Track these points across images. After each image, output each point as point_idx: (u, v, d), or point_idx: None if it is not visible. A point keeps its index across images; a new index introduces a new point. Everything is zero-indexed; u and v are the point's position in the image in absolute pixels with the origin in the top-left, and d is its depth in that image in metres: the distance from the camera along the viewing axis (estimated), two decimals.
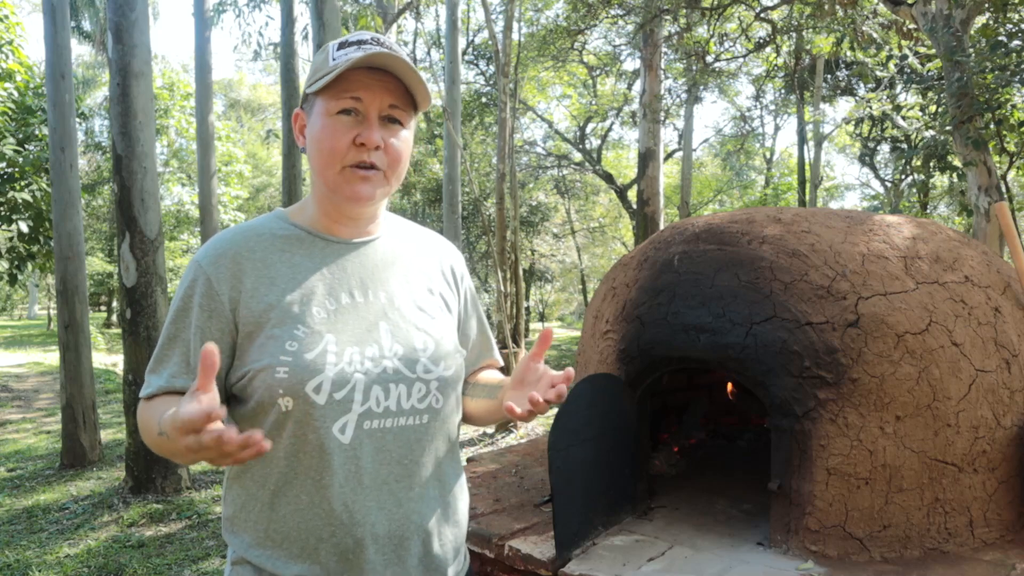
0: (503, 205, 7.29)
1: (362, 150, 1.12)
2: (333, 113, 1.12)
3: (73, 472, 5.85)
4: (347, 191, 1.14)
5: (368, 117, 1.12)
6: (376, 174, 1.14)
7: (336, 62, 1.11)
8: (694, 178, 19.32)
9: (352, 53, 1.11)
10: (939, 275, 2.42)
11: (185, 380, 1.09)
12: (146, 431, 1.08)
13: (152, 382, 1.11)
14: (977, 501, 2.31)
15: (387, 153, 1.14)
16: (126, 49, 4.92)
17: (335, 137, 1.12)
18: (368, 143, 1.12)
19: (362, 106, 1.12)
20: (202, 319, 1.10)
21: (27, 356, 14.73)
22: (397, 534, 1.12)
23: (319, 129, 1.13)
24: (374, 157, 1.13)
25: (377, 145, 1.12)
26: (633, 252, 3.07)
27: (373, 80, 1.12)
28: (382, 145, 1.13)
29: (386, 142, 1.14)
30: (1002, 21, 5.99)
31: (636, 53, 13.40)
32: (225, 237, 1.16)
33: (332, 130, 1.12)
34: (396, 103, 1.14)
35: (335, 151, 1.12)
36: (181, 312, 1.11)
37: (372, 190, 1.14)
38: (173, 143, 18.26)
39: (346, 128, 1.12)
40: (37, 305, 31.71)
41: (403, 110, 1.15)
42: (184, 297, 1.12)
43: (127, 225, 4.98)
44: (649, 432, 2.89)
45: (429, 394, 1.16)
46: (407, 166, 1.20)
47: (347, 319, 1.13)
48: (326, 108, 1.12)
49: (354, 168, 1.13)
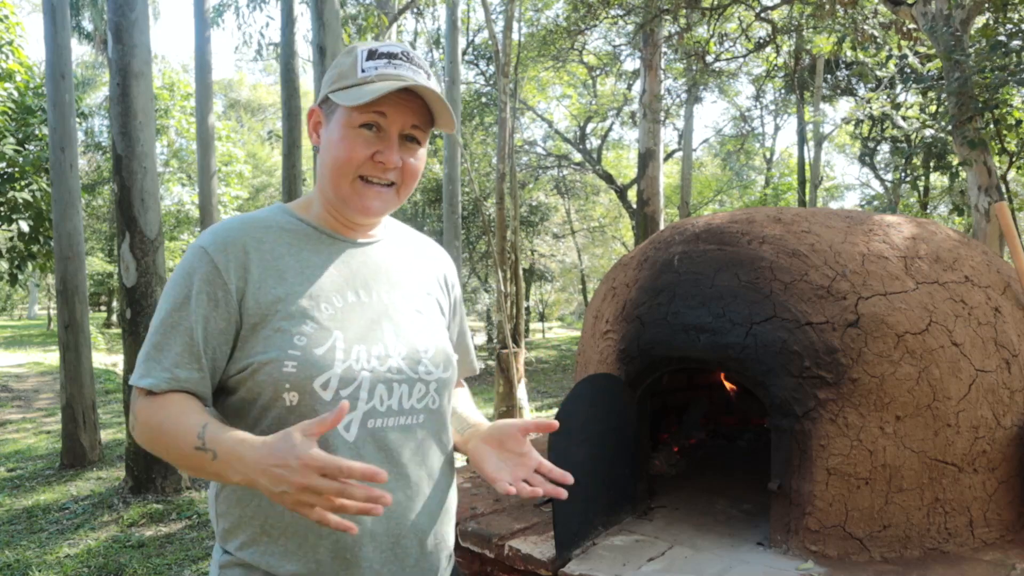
0: (503, 205, 7.29)
1: (379, 167, 1.13)
2: (355, 125, 1.12)
3: (73, 472, 5.85)
4: (358, 204, 1.15)
5: (390, 135, 1.13)
6: (389, 191, 1.16)
7: (366, 74, 1.11)
8: (694, 178, 19.32)
9: (383, 68, 1.11)
10: (939, 275, 2.42)
11: (190, 371, 1.07)
12: (166, 433, 1.03)
13: (152, 371, 1.06)
14: (977, 501, 2.31)
15: (404, 172, 1.16)
16: (126, 49, 4.92)
17: (354, 149, 1.12)
18: (388, 163, 1.13)
19: (385, 122, 1.13)
20: (207, 308, 1.08)
21: (27, 356, 14.73)
22: (395, 533, 1.12)
23: (338, 139, 1.13)
24: (391, 175, 1.15)
25: (396, 165, 1.13)
26: (633, 252, 3.07)
27: (400, 99, 1.12)
28: (400, 165, 1.14)
29: (404, 162, 1.15)
30: (1002, 21, 5.99)
31: (636, 53, 13.40)
32: (232, 225, 1.14)
33: (352, 142, 1.12)
34: (418, 124, 1.15)
35: (351, 162, 1.12)
36: (183, 299, 1.08)
37: (383, 206, 1.16)
38: (173, 143, 18.25)
39: (366, 143, 1.12)
40: (37, 305, 31.70)
41: (423, 130, 1.17)
42: (185, 283, 1.08)
43: (127, 225, 4.98)
44: (649, 432, 2.89)
45: (428, 395, 1.17)
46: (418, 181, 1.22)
47: (353, 317, 1.13)
48: (349, 119, 1.12)
49: (366, 181, 1.14)
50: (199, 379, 1.08)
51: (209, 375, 1.09)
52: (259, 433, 1.08)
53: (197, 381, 1.08)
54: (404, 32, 15.86)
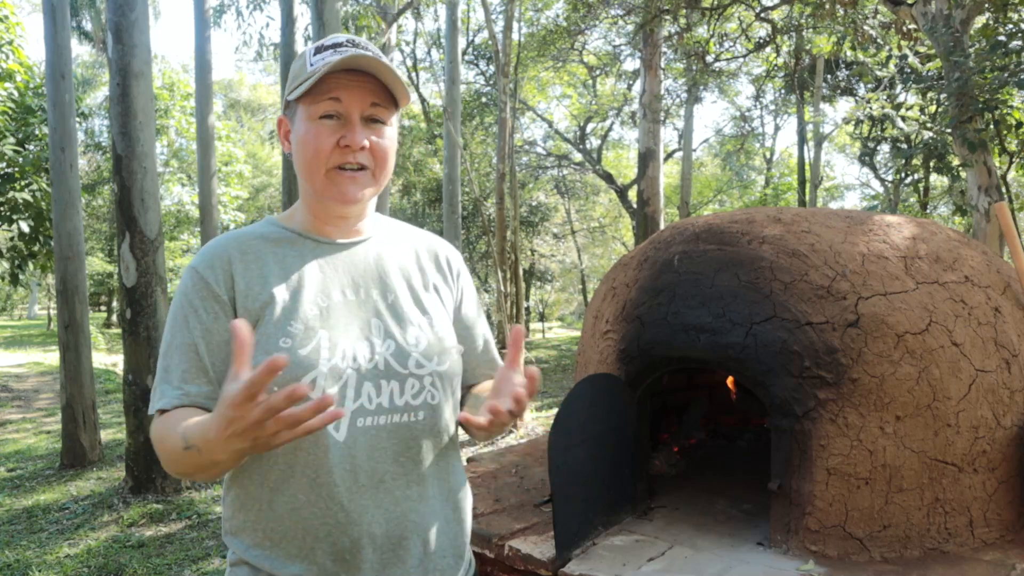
0: (503, 205, 7.29)
1: (347, 151, 1.14)
2: (315, 118, 1.13)
3: (73, 472, 5.85)
4: (334, 193, 1.15)
5: (350, 119, 1.14)
6: (363, 174, 1.16)
7: (314, 67, 1.12)
8: (694, 178, 19.32)
9: (328, 57, 1.12)
10: (939, 275, 2.42)
11: (199, 385, 1.08)
12: (166, 447, 1.03)
13: (165, 392, 1.08)
14: (977, 501, 2.31)
15: (373, 153, 1.16)
16: (126, 49, 4.92)
17: (318, 140, 1.13)
18: (352, 144, 1.13)
19: (343, 108, 1.13)
20: (208, 321, 1.10)
21: (27, 356, 14.73)
22: (395, 534, 1.11)
23: (303, 134, 1.14)
24: (360, 158, 1.15)
25: (362, 146, 1.14)
26: (633, 252, 3.07)
27: (352, 82, 1.13)
28: (367, 145, 1.14)
29: (371, 142, 1.15)
30: (1002, 21, 5.99)
31: (636, 53, 13.40)
32: (218, 242, 1.18)
33: (315, 134, 1.13)
34: (377, 101, 1.15)
35: (319, 154, 1.13)
36: (182, 319, 1.11)
37: (359, 190, 1.16)
38: (173, 143, 18.26)
39: (329, 131, 1.13)
40: (37, 305, 31.69)
41: (384, 108, 1.17)
42: (183, 303, 1.11)
43: (127, 225, 4.98)
44: (649, 432, 2.89)
45: (424, 390, 1.16)
46: (394, 163, 1.22)
47: (339, 316, 1.14)
48: (308, 113, 1.14)
49: (339, 170, 1.14)
50: (209, 392, 1.08)
51: (219, 387, 1.08)
52: None
53: (207, 394, 1.08)
54: (404, 32, 15.87)
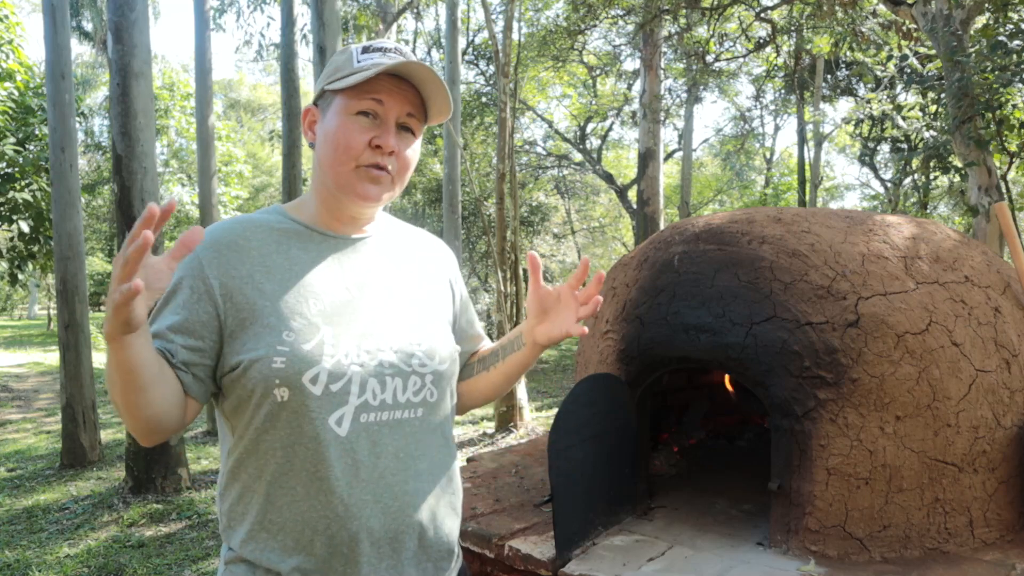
0: (503, 205, 7.29)
1: (377, 152, 1.15)
2: (352, 113, 1.14)
3: (73, 472, 5.85)
4: (358, 189, 1.16)
5: (387, 122, 1.15)
6: (386, 177, 1.17)
7: (362, 64, 1.13)
8: (694, 178, 19.33)
9: (379, 59, 1.14)
10: (939, 275, 2.42)
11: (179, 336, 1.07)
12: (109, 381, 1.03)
13: None
14: (977, 501, 2.31)
15: (398, 160, 1.17)
16: (126, 49, 4.92)
17: (352, 136, 1.14)
18: (384, 146, 1.14)
19: (382, 110, 1.15)
20: (191, 299, 1.09)
21: (27, 356, 14.73)
22: (393, 528, 1.12)
23: (335, 127, 1.15)
24: (387, 161, 1.16)
25: (393, 150, 1.15)
26: (633, 252, 3.07)
27: (396, 87, 1.15)
28: (396, 151, 1.16)
29: (399, 149, 1.16)
30: (1002, 21, 5.98)
31: (636, 53, 13.39)
32: (223, 226, 1.16)
33: (349, 128, 1.14)
34: (413, 112, 1.17)
35: (351, 149, 1.14)
36: (171, 292, 1.10)
37: (380, 192, 1.17)
38: (173, 143, 18.26)
39: (363, 129, 1.14)
40: (37, 305, 31.68)
41: (417, 119, 1.19)
42: (176, 279, 1.11)
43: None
44: (649, 432, 2.89)
45: (424, 388, 1.17)
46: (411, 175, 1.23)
47: (344, 312, 1.14)
48: (346, 107, 1.14)
49: (366, 168, 1.15)
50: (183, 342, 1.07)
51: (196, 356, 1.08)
52: (254, 429, 1.09)
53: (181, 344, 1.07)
54: (404, 32, 15.86)
